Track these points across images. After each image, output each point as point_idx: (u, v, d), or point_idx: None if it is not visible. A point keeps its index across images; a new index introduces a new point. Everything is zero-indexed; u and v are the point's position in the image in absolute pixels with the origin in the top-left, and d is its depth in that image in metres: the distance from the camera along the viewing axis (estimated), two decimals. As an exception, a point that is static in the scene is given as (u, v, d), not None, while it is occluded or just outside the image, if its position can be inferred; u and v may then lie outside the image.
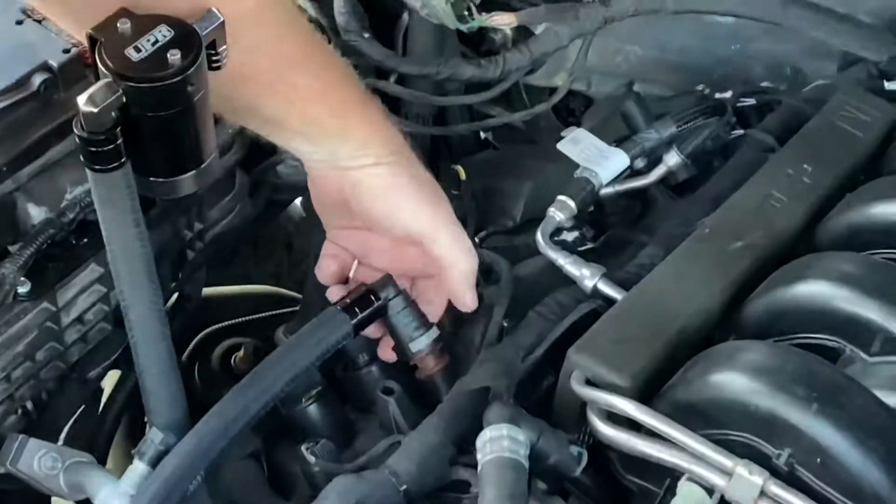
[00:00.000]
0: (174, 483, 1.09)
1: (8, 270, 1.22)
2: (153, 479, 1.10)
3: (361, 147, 1.25)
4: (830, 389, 1.08)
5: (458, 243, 1.27)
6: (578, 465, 1.19)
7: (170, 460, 1.11)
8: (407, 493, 1.17)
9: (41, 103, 1.25)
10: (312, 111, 1.22)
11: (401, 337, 1.31)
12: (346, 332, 1.24)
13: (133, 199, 1.09)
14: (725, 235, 1.35)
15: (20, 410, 1.39)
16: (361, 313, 1.26)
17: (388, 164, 1.25)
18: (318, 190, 1.31)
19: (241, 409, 1.15)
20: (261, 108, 1.20)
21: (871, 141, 1.49)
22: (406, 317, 1.30)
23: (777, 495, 1.06)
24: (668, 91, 1.82)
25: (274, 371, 1.18)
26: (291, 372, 1.19)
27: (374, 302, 1.28)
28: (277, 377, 1.18)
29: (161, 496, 1.08)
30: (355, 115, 1.25)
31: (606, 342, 1.23)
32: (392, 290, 1.29)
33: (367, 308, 1.27)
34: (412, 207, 1.26)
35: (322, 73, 1.23)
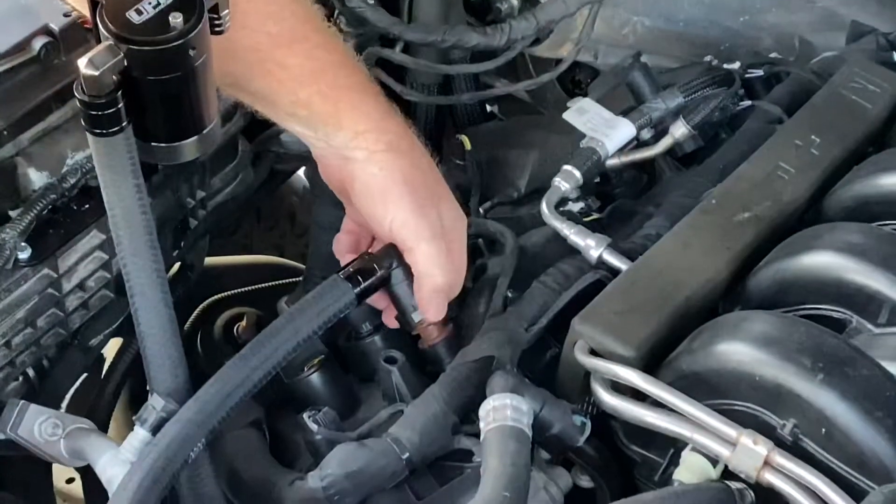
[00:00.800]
0: (175, 450, 1.08)
1: (8, 236, 1.21)
2: (154, 445, 1.09)
3: (353, 138, 1.24)
4: (836, 360, 1.07)
5: (434, 258, 1.25)
6: (582, 434, 1.19)
7: (171, 428, 1.10)
8: (409, 461, 1.17)
9: (42, 67, 1.24)
10: (302, 93, 1.21)
11: (403, 307, 1.30)
12: (349, 300, 1.24)
13: (134, 165, 1.08)
14: (732, 206, 1.34)
15: (21, 377, 1.39)
16: (364, 282, 1.26)
17: (381, 161, 1.24)
18: (325, 174, 1.31)
19: (244, 377, 1.15)
20: (249, 84, 1.20)
21: (880, 112, 1.48)
22: (409, 287, 1.29)
23: (781, 465, 1.05)
24: (676, 62, 1.81)
25: (276, 339, 1.17)
26: (294, 340, 1.18)
27: (377, 271, 1.27)
28: (280, 345, 1.17)
29: (161, 463, 1.07)
30: (348, 102, 1.24)
31: (611, 312, 1.22)
32: (395, 259, 1.28)
33: (369, 277, 1.26)
34: (400, 216, 1.24)
35: (316, 54, 1.22)
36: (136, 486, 1.05)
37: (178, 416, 1.11)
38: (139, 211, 1.10)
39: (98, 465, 1.15)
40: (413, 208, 1.24)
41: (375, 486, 1.17)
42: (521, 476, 1.08)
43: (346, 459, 1.16)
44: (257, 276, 1.97)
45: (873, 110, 1.47)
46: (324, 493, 1.15)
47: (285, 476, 1.21)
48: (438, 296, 1.27)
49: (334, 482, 1.15)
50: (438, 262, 1.25)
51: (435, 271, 1.26)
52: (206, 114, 1.09)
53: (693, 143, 1.55)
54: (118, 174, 1.07)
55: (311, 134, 1.25)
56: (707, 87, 1.55)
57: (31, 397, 1.29)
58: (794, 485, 1.04)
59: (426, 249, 1.25)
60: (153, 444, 1.09)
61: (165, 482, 1.07)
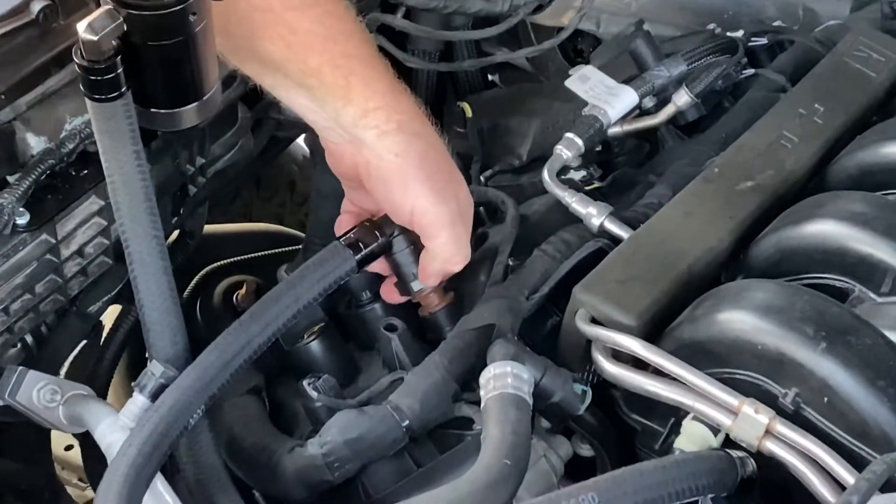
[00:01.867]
0: (174, 417, 1.08)
1: (6, 201, 1.20)
2: (153, 411, 1.09)
3: (363, 115, 1.20)
4: (839, 329, 1.07)
5: (455, 244, 1.24)
6: (582, 403, 1.18)
7: (170, 394, 1.10)
8: (409, 429, 1.17)
9: (40, 31, 1.23)
10: (313, 61, 1.18)
11: (404, 274, 1.30)
12: (349, 267, 1.23)
13: (133, 131, 1.07)
14: (735, 175, 1.33)
15: (20, 344, 1.38)
16: (365, 249, 1.25)
17: (394, 144, 1.21)
18: (335, 161, 1.28)
19: (243, 343, 1.14)
20: (259, 49, 1.16)
21: (884, 81, 1.47)
22: (410, 255, 1.29)
23: (783, 434, 1.05)
24: (678, 31, 1.80)
25: (277, 306, 1.17)
26: (295, 307, 1.18)
27: (378, 238, 1.26)
28: (280, 312, 1.17)
29: (161, 429, 1.07)
30: (360, 76, 1.20)
31: (612, 281, 1.22)
32: (396, 227, 1.27)
33: (370, 244, 1.26)
34: (421, 204, 1.22)
35: (327, 21, 1.19)
36: (136, 453, 1.04)
37: (178, 383, 1.10)
38: (138, 177, 1.10)
39: (97, 431, 1.14)
40: (433, 195, 1.22)
41: (375, 454, 1.17)
42: (521, 444, 1.07)
43: (345, 426, 1.16)
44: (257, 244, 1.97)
45: (877, 79, 1.47)
46: (323, 460, 1.15)
47: (285, 443, 1.21)
48: (443, 272, 1.27)
49: (334, 449, 1.15)
50: (458, 249, 1.25)
51: (455, 258, 1.25)
52: (206, 80, 1.08)
53: (696, 112, 1.54)
54: (117, 140, 1.07)
55: (318, 110, 1.21)
56: (710, 54, 1.54)
57: (29, 364, 1.28)
58: (796, 453, 1.04)
59: (447, 237, 1.23)
60: (153, 411, 1.09)
61: (165, 448, 1.07)
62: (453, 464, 1.17)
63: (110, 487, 1.02)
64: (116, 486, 1.02)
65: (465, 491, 1.03)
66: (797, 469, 1.04)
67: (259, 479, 1.20)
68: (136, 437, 1.06)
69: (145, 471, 1.04)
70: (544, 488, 1.18)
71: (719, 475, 1.04)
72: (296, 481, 1.18)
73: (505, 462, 1.05)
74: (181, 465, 1.14)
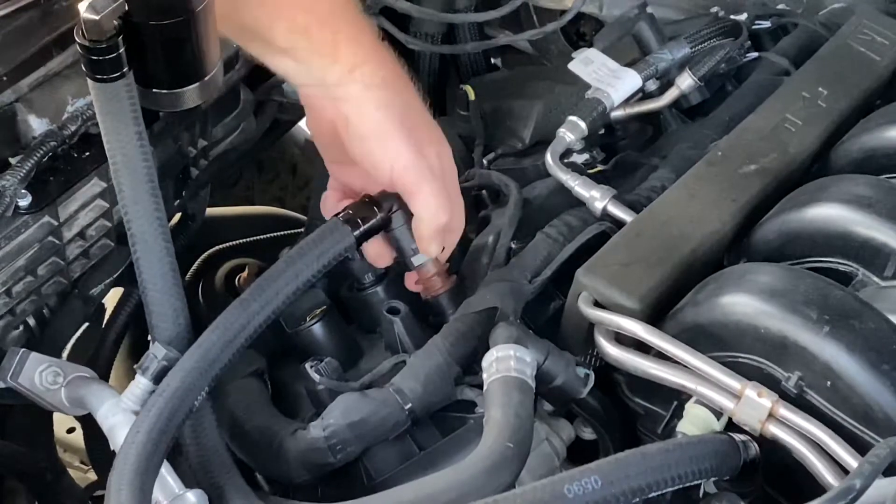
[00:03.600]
0: (180, 399, 1.08)
1: (8, 182, 1.20)
2: (158, 395, 1.08)
3: (350, 71, 1.20)
4: (843, 312, 1.07)
5: (437, 199, 1.23)
6: (585, 386, 1.18)
7: (174, 376, 1.09)
8: (412, 411, 1.16)
9: (42, 12, 1.23)
10: (300, 20, 1.17)
11: (404, 250, 1.28)
12: (348, 243, 1.22)
13: (136, 111, 1.07)
14: (738, 158, 1.33)
15: (22, 326, 1.38)
16: (364, 225, 1.24)
17: (377, 99, 1.21)
18: (315, 123, 1.28)
19: (245, 322, 1.14)
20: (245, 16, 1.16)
21: (888, 64, 1.46)
22: (409, 230, 1.27)
23: (786, 418, 1.05)
24: (681, 14, 1.79)
25: (277, 284, 1.16)
26: (294, 284, 1.17)
27: (376, 214, 1.25)
28: (280, 290, 1.16)
29: (167, 414, 1.06)
30: (346, 32, 1.20)
31: (615, 264, 1.21)
32: (396, 202, 1.26)
33: (369, 220, 1.25)
34: (401, 160, 1.21)
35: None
36: (144, 440, 1.04)
37: (181, 365, 1.10)
38: (140, 158, 1.09)
39: (99, 414, 1.14)
40: (414, 151, 1.22)
41: (378, 437, 1.17)
42: (524, 427, 1.07)
43: (348, 409, 1.16)
44: (259, 226, 1.97)
45: (881, 62, 1.46)
46: (326, 443, 1.15)
47: (287, 426, 1.21)
48: (441, 235, 1.26)
49: (336, 432, 1.15)
50: (441, 203, 1.23)
51: (440, 213, 1.24)
52: (208, 60, 1.08)
53: (699, 95, 1.54)
54: (119, 121, 1.07)
55: (304, 72, 1.21)
56: (714, 37, 1.53)
57: (31, 346, 1.28)
58: (799, 437, 1.04)
59: (429, 191, 1.23)
60: (157, 394, 1.08)
61: (172, 432, 1.06)
62: (456, 447, 1.17)
63: (122, 477, 1.01)
64: (128, 475, 1.01)
65: (467, 474, 1.03)
66: (800, 453, 1.04)
67: (261, 461, 1.20)
68: (143, 422, 1.06)
69: (155, 457, 1.04)
70: (546, 471, 1.18)
71: (722, 458, 1.04)
72: (298, 464, 1.17)
73: (507, 445, 1.05)
74: (184, 447, 1.14)
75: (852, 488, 0.93)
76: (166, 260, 1.13)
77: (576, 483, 0.97)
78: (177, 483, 1.06)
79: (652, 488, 0.99)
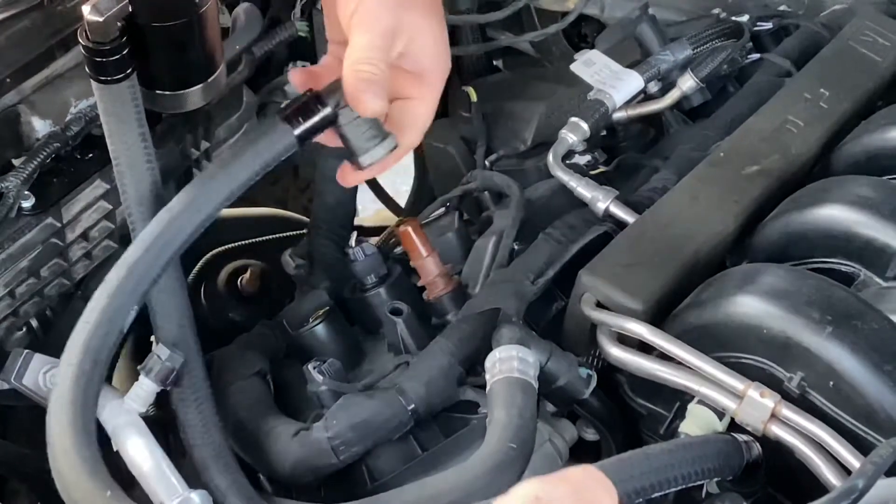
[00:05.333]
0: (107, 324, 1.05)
1: (12, 184, 1.21)
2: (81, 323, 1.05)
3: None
4: (846, 313, 1.07)
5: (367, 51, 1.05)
6: (587, 387, 1.18)
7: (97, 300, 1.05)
8: (415, 412, 1.16)
9: (45, 14, 1.23)
10: None
11: (353, 148, 1.10)
12: (289, 142, 1.08)
13: (139, 112, 1.07)
14: (740, 160, 1.33)
15: (25, 327, 1.38)
16: (305, 122, 1.08)
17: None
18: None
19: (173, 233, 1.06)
20: None
21: (890, 65, 1.47)
22: (359, 126, 1.09)
23: (788, 418, 1.05)
24: (683, 15, 1.79)
25: (209, 187, 1.07)
26: (230, 186, 1.07)
27: (320, 110, 1.08)
28: (212, 195, 1.07)
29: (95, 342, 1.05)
30: None
31: (618, 265, 1.22)
32: (343, 97, 1.08)
33: (312, 116, 1.08)
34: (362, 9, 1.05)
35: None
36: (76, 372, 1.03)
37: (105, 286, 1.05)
38: (144, 160, 1.09)
39: (102, 415, 1.14)
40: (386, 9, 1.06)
41: (381, 437, 1.17)
42: (527, 428, 1.07)
43: (351, 410, 1.16)
44: (261, 228, 1.96)
45: (883, 64, 1.46)
46: (329, 444, 1.15)
47: (290, 427, 1.21)
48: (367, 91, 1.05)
49: (339, 433, 1.15)
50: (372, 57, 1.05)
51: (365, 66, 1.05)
52: (211, 61, 1.09)
53: (700, 97, 1.54)
54: (123, 122, 1.07)
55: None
56: (715, 39, 1.53)
57: (34, 347, 1.27)
58: (801, 438, 1.04)
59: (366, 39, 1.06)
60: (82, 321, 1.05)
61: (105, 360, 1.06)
62: (458, 448, 1.17)
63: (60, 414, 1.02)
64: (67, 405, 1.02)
65: (470, 475, 1.04)
66: (803, 453, 1.04)
67: (264, 462, 1.20)
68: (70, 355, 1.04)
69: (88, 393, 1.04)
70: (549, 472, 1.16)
71: (725, 459, 1.04)
72: (301, 465, 1.17)
73: (510, 446, 1.05)
74: (187, 448, 1.14)
75: (855, 488, 0.93)
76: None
77: (579, 483, 0.97)
78: (181, 484, 1.06)
79: (655, 489, 0.99)
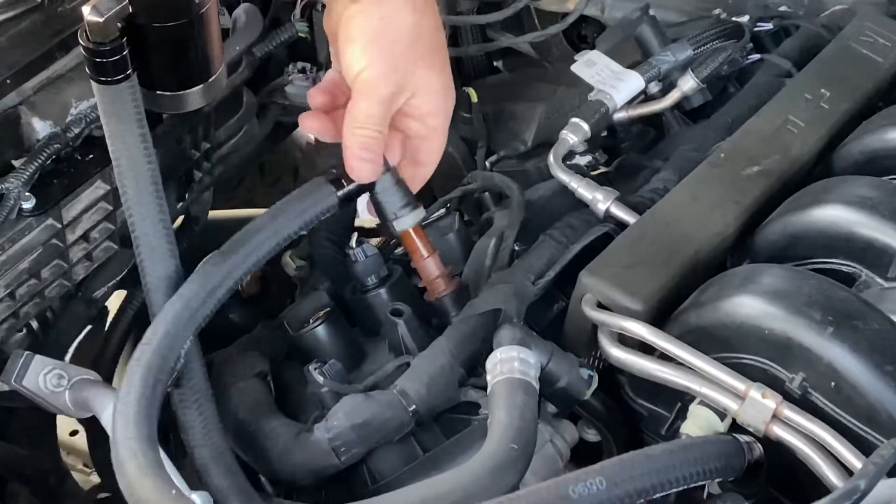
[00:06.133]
0: (167, 348, 1.06)
1: (12, 185, 1.20)
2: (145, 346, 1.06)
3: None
4: (847, 313, 1.07)
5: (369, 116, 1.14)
6: (588, 388, 1.18)
7: (158, 326, 1.08)
8: (416, 413, 1.16)
9: (45, 15, 1.23)
10: None
11: (385, 214, 1.23)
12: (330, 203, 1.18)
13: (139, 113, 1.07)
14: (741, 160, 1.33)
15: (25, 329, 1.38)
16: (347, 186, 1.19)
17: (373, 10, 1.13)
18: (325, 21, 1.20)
19: (225, 273, 1.12)
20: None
21: (890, 66, 1.47)
22: (393, 194, 1.22)
23: (790, 419, 1.05)
24: (683, 16, 1.79)
25: (258, 237, 1.14)
26: (274, 240, 1.15)
27: None
28: (261, 243, 1.14)
29: (158, 362, 1.05)
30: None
31: (619, 265, 1.22)
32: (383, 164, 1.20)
33: (353, 181, 1.19)
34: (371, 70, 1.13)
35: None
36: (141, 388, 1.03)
37: (163, 317, 1.08)
38: (144, 160, 1.09)
39: (103, 416, 1.14)
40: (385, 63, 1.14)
41: (382, 438, 1.17)
42: (528, 429, 1.07)
43: (352, 411, 1.15)
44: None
45: (884, 64, 1.46)
46: (330, 445, 1.15)
47: (291, 428, 1.21)
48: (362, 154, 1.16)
49: (340, 434, 1.15)
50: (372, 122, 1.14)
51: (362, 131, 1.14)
52: (211, 62, 1.08)
53: (701, 97, 1.54)
54: (123, 123, 1.07)
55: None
56: (716, 39, 1.53)
57: (35, 349, 1.28)
58: (803, 438, 1.04)
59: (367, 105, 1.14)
60: (144, 345, 1.07)
61: (164, 380, 1.06)
62: (460, 449, 1.17)
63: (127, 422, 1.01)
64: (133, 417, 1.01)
65: (471, 476, 1.03)
66: (804, 454, 1.04)
67: (265, 463, 1.20)
68: (135, 373, 1.04)
69: (153, 406, 1.03)
70: (550, 473, 1.18)
71: (726, 459, 1.04)
72: (302, 466, 1.17)
73: (512, 447, 1.05)
74: (188, 449, 1.14)
75: (857, 489, 0.93)
76: (170, 262, 1.13)
77: (580, 484, 0.97)
78: (182, 485, 1.06)
79: (656, 489, 0.99)
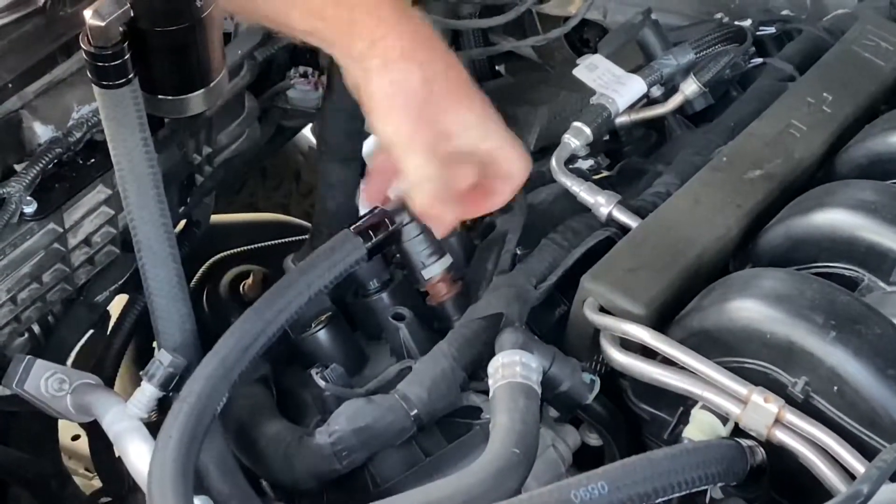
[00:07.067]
0: (203, 406, 1.08)
1: (14, 189, 1.20)
2: (182, 402, 1.08)
3: (371, 46, 1.15)
4: (849, 317, 1.06)
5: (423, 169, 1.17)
6: (590, 392, 1.18)
7: (195, 384, 1.09)
8: (417, 417, 1.16)
9: (47, 19, 1.23)
10: (315, 2, 1.14)
11: (413, 263, 1.29)
12: (360, 255, 1.22)
13: (141, 118, 1.07)
14: (743, 164, 1.33)
15: (27, 333, 1.38)
16: (375, 237, 1.23)
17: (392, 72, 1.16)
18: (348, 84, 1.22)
19: (259, 330, 1.13)
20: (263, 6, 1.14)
21: (893, 70, 1.46)
22: (420, 244, 1.28)
23: (792, 423, 1.05)
24: (686, 20, 1.79)
25: (290, 292, 1.16)
26: (306, 294, 1.17)
27: (388, 226, 1.25)
28: (293, 299, 1.16)
29: (193, 421, 1.06)
30: (363, 7, 1.15)
31: (621, 270, 1.21)
32: (407, 215, 1.26)
33: (380, 232, 1.24)
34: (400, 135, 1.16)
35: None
36: (177, 446, 1.04)
37: (200, 372, 1.10)
38: (146, 164, 1.09)
39: (105, 420, 1.14)
40: (413, 125, 1.16)
41: (383, 443, 1.17)
42: (530, 433, 1.07)
43: (354, 415, 1.15)
44: (263, 233, 1.97)
45: (886, 68, 1.46)
46: (332, 449, 1.15)
47: (293, 432, 1.21)
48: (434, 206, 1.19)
49: (342, 438, 1.15)
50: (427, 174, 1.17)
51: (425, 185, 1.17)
52: (213, 66, 1.08)
53: (703, 101, 1.54)
54: (125, 127, 1.07)
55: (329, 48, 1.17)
56: (718, 43, 1.53)
57: (36, 353, 1.28)
58: (806, 443, 1.04)
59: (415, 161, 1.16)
60: (181, 401, 1.08)
61: (201, 437, 1.07)
62: (461, 453, 1.17)
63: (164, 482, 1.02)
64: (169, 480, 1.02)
65: (473, 480, 1.03)
66: (807, 458, 1.04)
67: (267, 467, 1.20)
68: (173, 430, 1.06)
69: (189, 461, 1.04)
70: (552, 477, 1.18)
71: (729, 464, 1.03)
72: (304, 470, 1.17)
73: (513, 451, 1.05)
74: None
75: (860, 493, 0.93)
76: (172, 266, 1.14)
77: (582, 489, 0.96)
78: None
79: (659, 494, 0.99)
